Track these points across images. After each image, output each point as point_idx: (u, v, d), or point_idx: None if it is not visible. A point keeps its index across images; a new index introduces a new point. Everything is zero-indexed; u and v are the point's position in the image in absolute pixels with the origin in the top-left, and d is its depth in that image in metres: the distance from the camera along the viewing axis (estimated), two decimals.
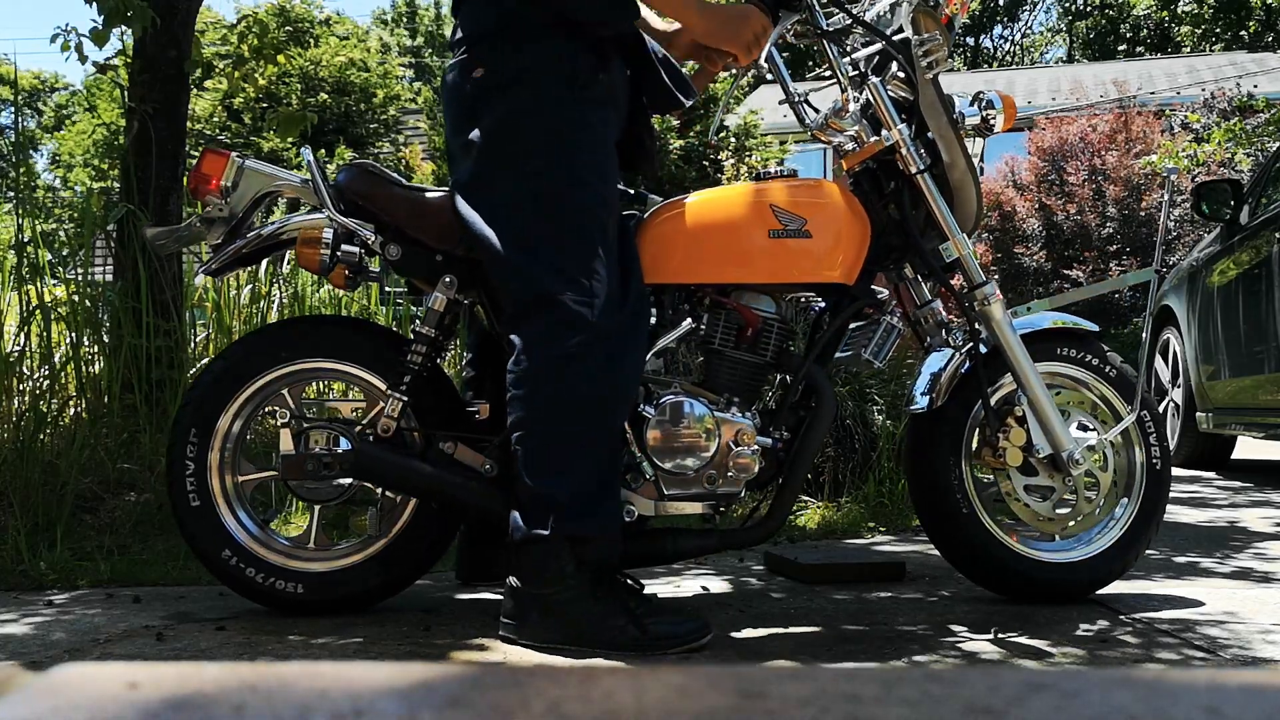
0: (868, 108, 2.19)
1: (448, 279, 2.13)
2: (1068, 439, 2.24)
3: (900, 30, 2.16)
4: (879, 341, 2.23)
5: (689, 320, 2.13)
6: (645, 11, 2.23)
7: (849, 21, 2.20)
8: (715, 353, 2.15)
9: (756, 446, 2.09)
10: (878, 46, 2.19)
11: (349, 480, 2.17)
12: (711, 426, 2.07)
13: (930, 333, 2.30)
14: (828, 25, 2.20)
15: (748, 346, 2.15)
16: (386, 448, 2.11)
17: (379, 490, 2.20)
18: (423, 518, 2.20)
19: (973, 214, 2.24)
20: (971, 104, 2.23)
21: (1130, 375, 2.36)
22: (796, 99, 2.24)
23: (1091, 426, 2.34)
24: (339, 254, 2.14)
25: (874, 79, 2.17)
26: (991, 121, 2.24)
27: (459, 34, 2.08)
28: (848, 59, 2.21)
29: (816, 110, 2.25)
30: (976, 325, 2.23)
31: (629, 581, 2.00)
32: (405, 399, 2.13)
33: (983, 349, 2.23)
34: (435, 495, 2.14)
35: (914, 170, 2.17)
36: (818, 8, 2.17)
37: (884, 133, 2.17)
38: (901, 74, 2.17)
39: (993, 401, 2.26)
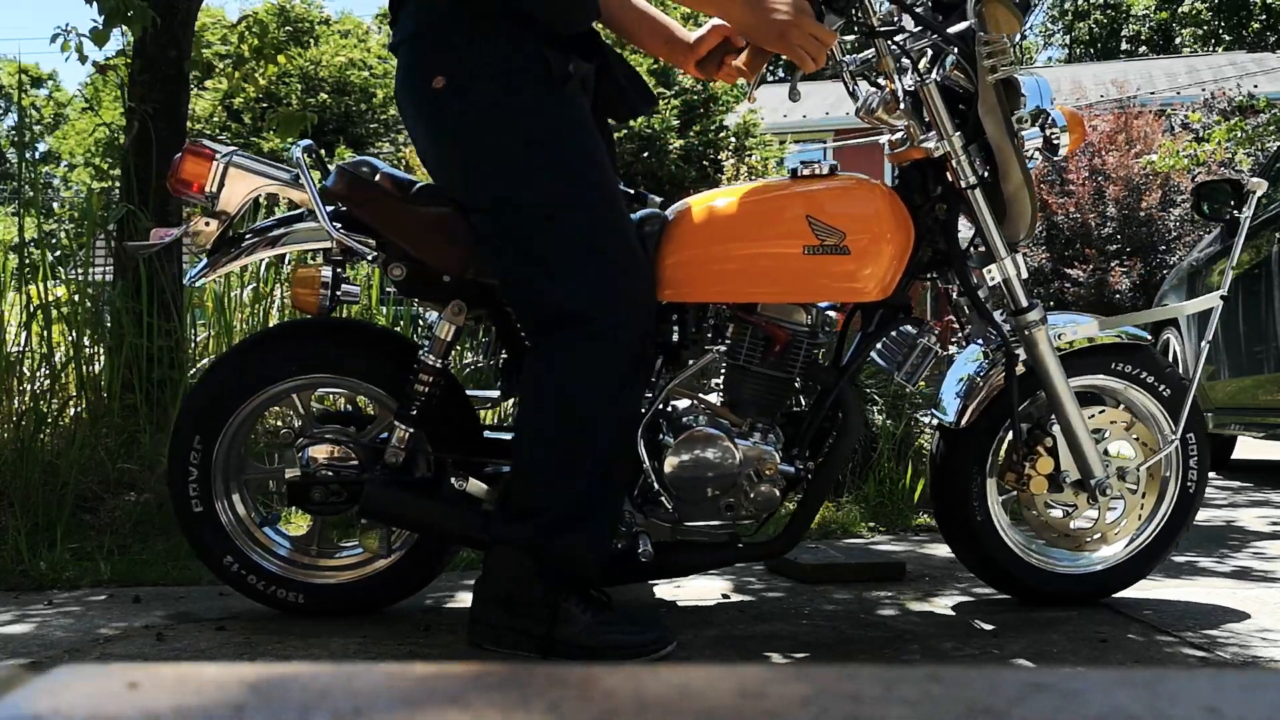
0: (920, 101, 2.02)
1: (455, 305, 2.03)
2: (1099, 467, 2.14)
3: (963, 16, 1.95)
4: (914, 363, 2.09)
5: (713, 348, 2.02)
6: (658, 11, 2.14)
7: (901, 15, 2.00)
8: (739, 369, 2.03)
9: (779, 476, 2.00)
10: (933, 38, 2.00)
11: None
12: (733, 459, 1.97)
13: (971, 321, 2.16)
14: (878, 18, 1.97)
15: (774, 362, 2.02)
16: (394, 486, 2.02)
17: None
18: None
19: (1026, 225, 2.06)
20: (1033, 124, 2.04)
21: (1182, 389, 2.24)
22: (845, 66, 2.05)
23: (1131, 450, 2.23)
24: (339, 294, 2.05)
25: (931, 82, 1.99)
26: (1056, 141, 2.07)
27: (401, 35, 1.93)
28: (899, 48, 2.00)
29: (873, 85, 2.07)
30: (1015, 349, 2.08)
31: (594, 593, 1.93)
32: (412, 430, 2.05)
33: (1019, 368, 2.09)
34: (443, 535, 2.09)
35: (964, 185, 2.01)
36: (870, 4, 1.95)
37: (936, 141, 2.01)
38: (959, 69, 2.00)
39: (1023, 418, 2.15)
